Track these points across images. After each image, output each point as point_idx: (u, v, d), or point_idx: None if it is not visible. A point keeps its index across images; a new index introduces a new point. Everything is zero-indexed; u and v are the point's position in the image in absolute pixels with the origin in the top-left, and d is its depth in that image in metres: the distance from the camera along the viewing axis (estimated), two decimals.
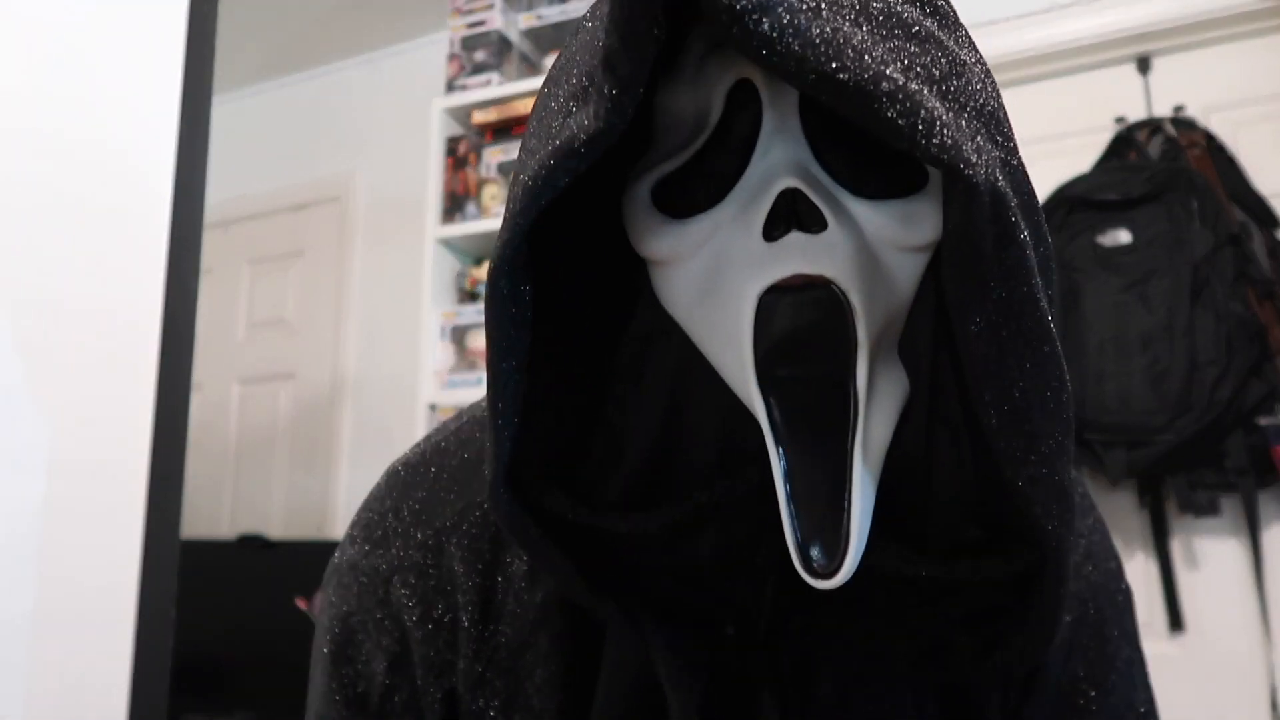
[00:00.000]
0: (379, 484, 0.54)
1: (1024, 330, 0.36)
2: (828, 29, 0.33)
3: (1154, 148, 1.81)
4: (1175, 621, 1.71)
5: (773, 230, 0.38)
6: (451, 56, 2.26)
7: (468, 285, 2.19)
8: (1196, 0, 1.86)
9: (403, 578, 0.49)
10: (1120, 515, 1.81)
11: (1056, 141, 2.01)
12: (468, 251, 2.24)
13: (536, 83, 2.13)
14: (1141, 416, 1.61)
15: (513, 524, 0.41)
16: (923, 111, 0.33)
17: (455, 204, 2.17)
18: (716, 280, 0.40)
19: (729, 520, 0.42)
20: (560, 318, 0.42)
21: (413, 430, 2.09)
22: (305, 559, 2.29)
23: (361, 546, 0.52)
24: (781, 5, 0.32)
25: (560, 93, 0.39)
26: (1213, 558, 1.74)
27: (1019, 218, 0.35)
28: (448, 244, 2.20)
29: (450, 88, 2.25)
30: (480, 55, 2.23)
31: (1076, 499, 0.40)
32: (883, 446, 0.39)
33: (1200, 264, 1.62)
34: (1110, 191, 1.74)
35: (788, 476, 0.38)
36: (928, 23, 0.38)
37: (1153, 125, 1.84)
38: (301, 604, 2.07)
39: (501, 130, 2.18)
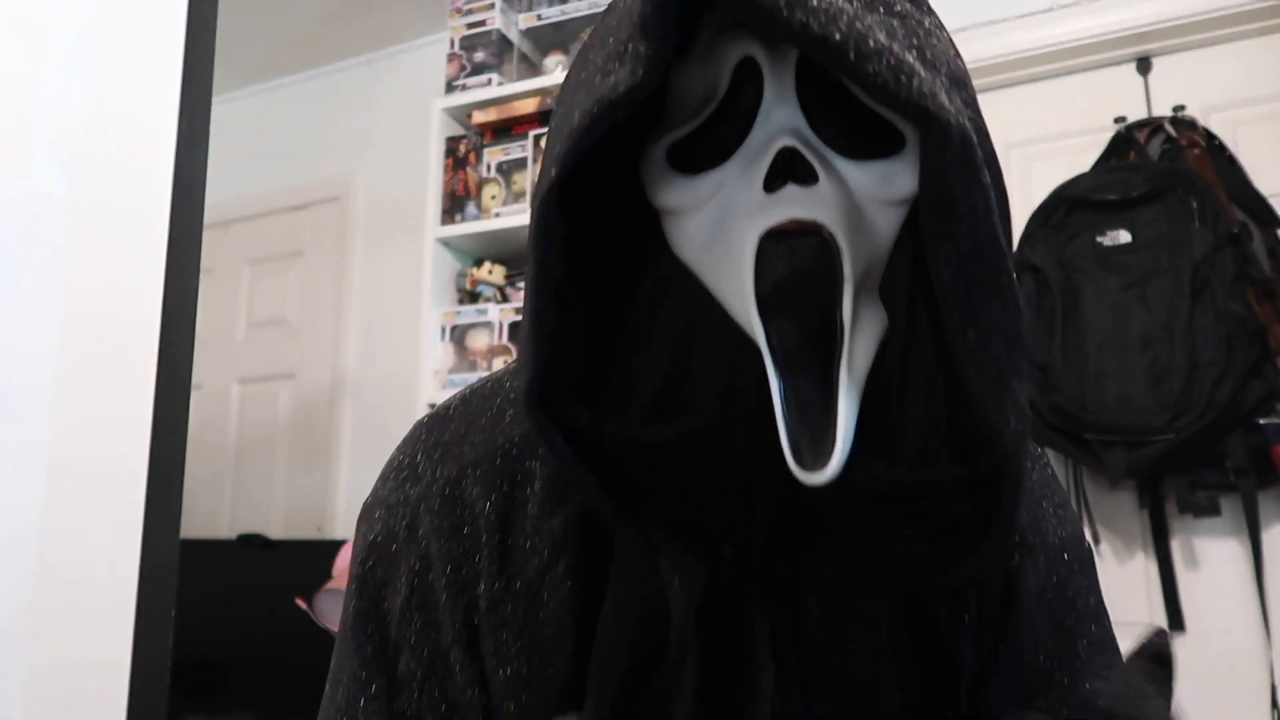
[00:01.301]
0: (409, 433, 0.59)
1: (987, 263, 0.43)
2: (824, 2, 0.40)
3: (1154, 148, 1.81)
4: (1175, 621, 1.71)
5: (772, 183, 0.45)
6: (451, 56, 2.26)
7: (468, 285, 2.19)
8: (1196, 0, 1.86)
9: (428, 505, 0.54)
10: (1120, 515, 1.81)
11: (1056, 141, 2.01)
12: (468, 251, 2.24)
13: (536, 83, 2.13)
14: (1141, 416, 1.61)
15: (543, 432, 0.46)
16: (904, 67, 0.40)
17: (455, 204, 2.17)
18: (723, 227, 0.47)
19: (730, 443, 0.47)
20: (587, 262, 0.48)
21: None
22: (305, 559, 2.29)
23: (390, 484, 0.57)
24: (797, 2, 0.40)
25: (598, 57, 0.45)
26: (1213, 558, 1.74)
27: (984, 162, 0.42)
28: (448, 244, 2.20)
29: (450, 88, 2.25)
30: (480, 55, 2.23)
31: (1029, 414, 0.46)
32: (864, 369, 0.45)
33: (1200, 264, 1.62)
34: (1110, 191, 1.73)
35: (784, 393, 0.44)
36: (905, 3, 0.46)
37: (1153, 125, 1.84)
38: (301, 604, 2.07)
39: (501, 130, 2.18)
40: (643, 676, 0.49)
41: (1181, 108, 1.83)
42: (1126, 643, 0.63)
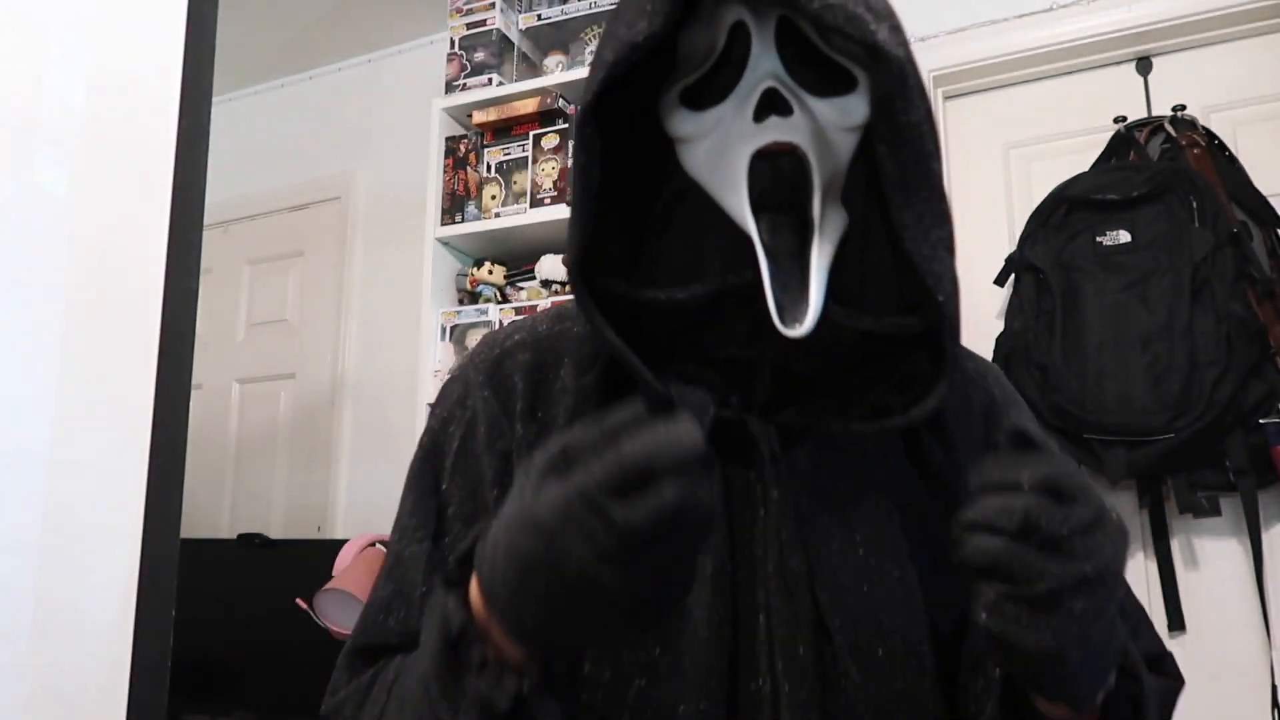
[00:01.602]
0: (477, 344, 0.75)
1: (921, 163, 0.59)
2: None
3: (1154, 148, 1.81)
4: (1175, 621, 1.71)
5: (760, 115, 0.60)
6: (451, 56, 2.26)
7: (468, 285, 2.19)
8: (1196, 0, 1.86)
9: (476, 378, 0.69)
10: (1120, 515, 1.81)
11: (1056, 141, 2.01)
12: (468, 251, 2.24)
13: (536, 83, 2.13)
14: (1141, 416, 1.61)
15: (581, 297, 0.61)
16: (857, 17, 0.56)
17: (455, 204, 2.17)
18: (723, 149, 0.62)
19: (735, 309, 0.61)
20: (621, 177, 0.64)
21: (413, 430, 2.09)
22: (305, 559, 2.29)
23: (455, 371, 0.73)
24: None
25: (628, 13, 0.60)
26: (1213, 558, 1.74)
27: (916, 94, 0.58)
28: (448, 244, 2.20)
29: (450, 88, 2.25)
30: (480, 55, 2.23)
31: (958, 278, 0.60)
32: (830, 253, 0.61)
33: (1200, 264, 1.62)
34: (1110, 191, 1.73)
35: (770, 270, 0.58)
36: None
37: (1153, 125, 1.84)
38: (301, 604, 2.07)
39: (501, 130, 2.18)
40: None
41: (1181, 108, 1.83)
42: None
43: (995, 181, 2.07)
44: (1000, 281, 1.88)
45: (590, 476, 0.43)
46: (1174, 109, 1.84)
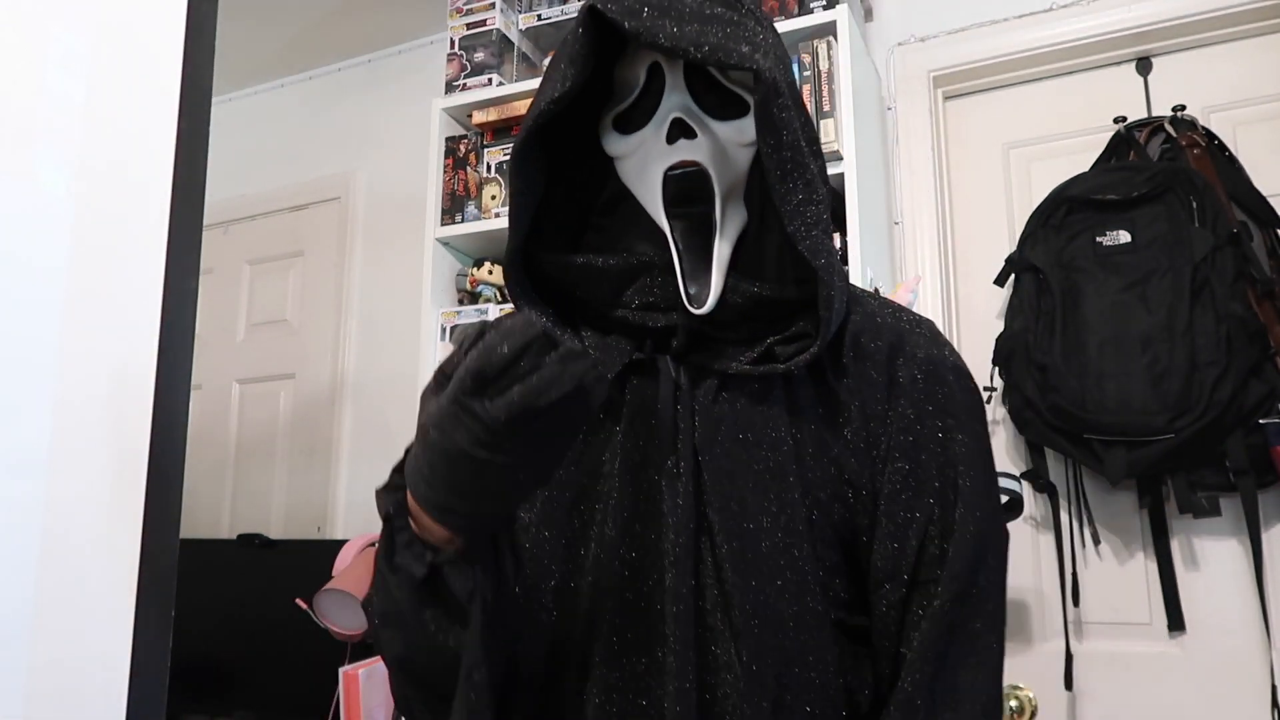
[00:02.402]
0: None
1: (794, 158, 0.73)
2: (687, 29, 0.72)
3: (1154, 148, 1.81)
4: (1175, 621, 1.71)
5: (671, 138, 0.76)
6: (451, 56, 2.26)
7: (468, 285, 2.19)
8: (1196, 0, 1.86)
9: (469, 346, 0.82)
10: (1120, 515, 1.81)
11: (1056, 141, 2.01)
12: (468, 251, 2.24)
13: (536, 83, 2.13)
14: (1141, 416, 1.61)
15: (511, 271, 0.79)
16: (734, 50, 0.72)
17: (455, 204, 2.17)
18: (644, 165, 0.79)
19: (652, 280, 0.77)
20: (568, 184, 0.83)
21: (412, 430, 2.08)
22: (305, 559, 2.29)
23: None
24: (663, 30, 0.72)
25: (556, 71, 0.77)
26: (1213, 558, 1.74)
27: (789, 103, 0.73)
28: (448, 244, 2.20)
29: (450, 88, 2.25)
30: (480, 55, 2.23)
31: (835, 256, 0.75)
32: (730, 245, 0.77)
33: (1200, 264, 1.62)
34: (1110, 191, 1.73)
35: (680, 258, 0.76)
36: (734, 15, 0.77)
37: (1153, 125, 1.83)
38: (301, 604, 2.07)
39: (501, 130, 2.18)
40: (590, 424, 0.76)
41: (1181, 108, 1.83)
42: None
43: (995, 181, 2.07)
44: (1000, 281, 1.88)
45: (458, 384, 0.57)
46: (1174, 109, 1.84)
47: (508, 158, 2.14)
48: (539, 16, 2.24)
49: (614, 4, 0.74)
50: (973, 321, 2.01)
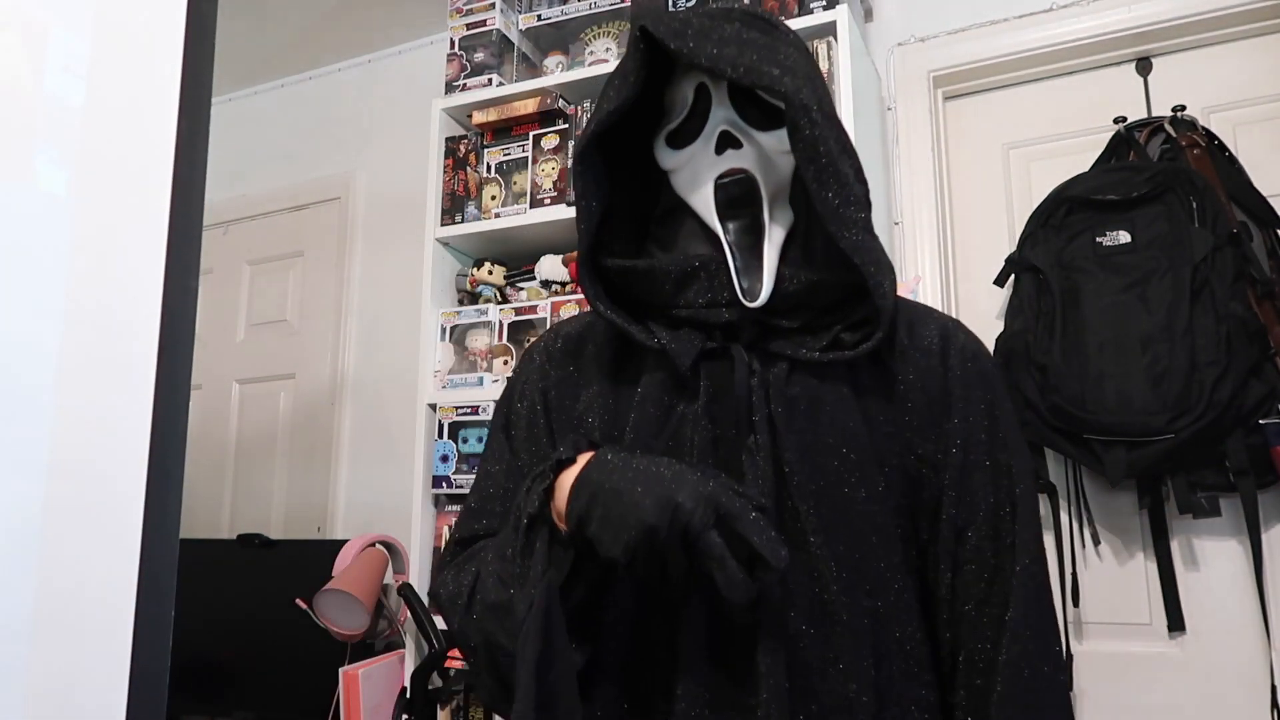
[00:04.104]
0: None
1: (829, 166, 0.79)
2: (726, 51, 0.80)
3: (1154, 148, 1.81)
4: (1175, 621, 1.71)
5: (719, 150, 0.85)
6: (451, 57, 2.26)
7: (468, 285, 2.19)
8: (1196, 0, 1.86)
9: (535, 346, 0.98)
10: (1120, 515, 1.81)
11: (1056, 141, 2.01)
12: (468, 251, 2.24)
13: (536, 83, 2.13)
14: (1141, 417, 1.61)
15: (583, 278, 0.86)
16: (770, 73, 0.79)
17: (455, 204, 2.17)
18: (696, 175, 0.86)
19: (711, 278, 0.83)
20: (627, 199, 0.91)
21: (413, 430, 2.09)
22: (305, 559, 2.29)
23: (529, 346, 1.01)
24: (704, 51, 0.80)
25: (614, 84, 0.85)
26: (1213, 558, 1.74)
27: (818, 118, 0.79)
28: (448, 244, 2.20)
29: (450, 88, 2.25)
30: (480, 55, 2.23)
31: (878, 252, 0.82)
32: (779, 243, 0.84)
33: (1200, 264, 1.62)
34: (1110, 191, 1.73)
35: (733, 257, 0.82)
36: (768, 39, 0.84)
37: (1153, 125, 1.83)
38: (301, 604, 2.07)
39: (502, 130, 2.18)
40: (666, 413, 0.84)
41: (1181, 108, 1.83)
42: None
43: (995, 181, 2.07)
44: (1000, 282, 1.88)
45: (720, 497, 0.70)
46: (1174, 109, 1.84)
47: (508, 158, 2.14)
48: (539, 17, 2.24)
49: (663, 26, 0.82)
50: (973, 321, 2.00)
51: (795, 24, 1.86)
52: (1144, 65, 1.96)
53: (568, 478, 0.75)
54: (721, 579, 0.67)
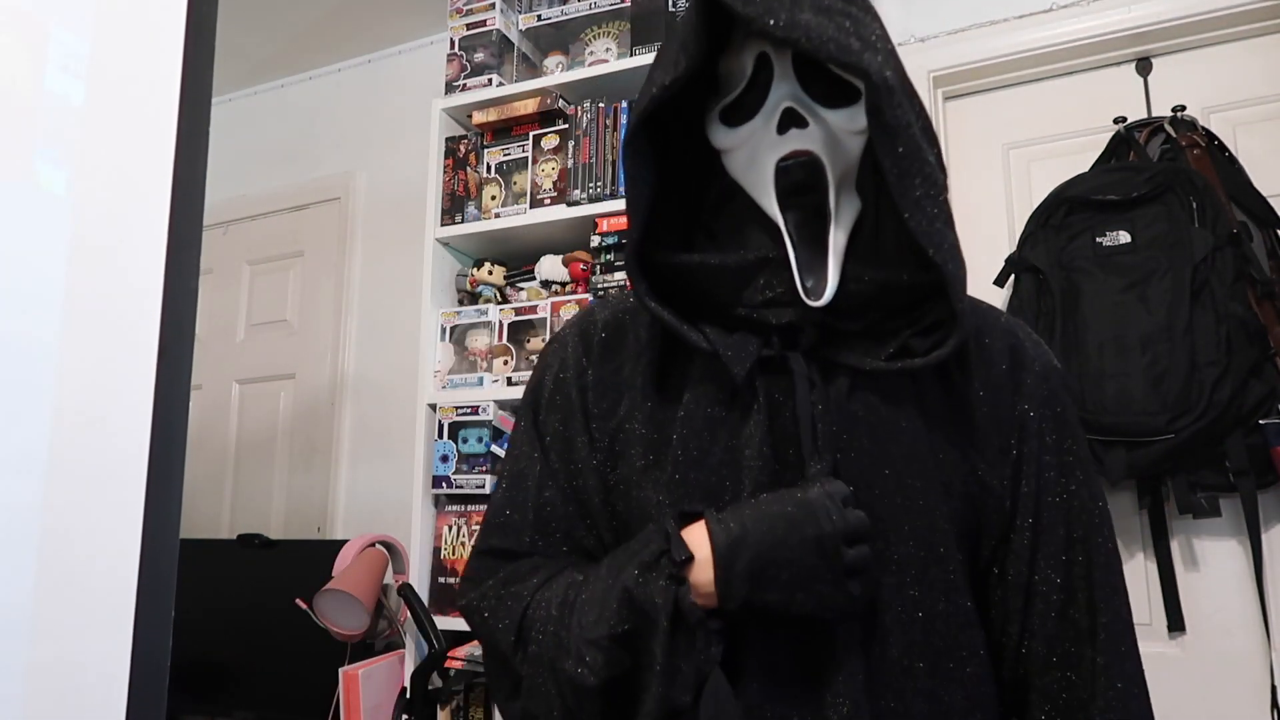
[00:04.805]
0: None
1: (912, 155, 0.71)
2: (801, 18, 0.70)
3: (1154, 148, 1.81)
4: (1175, 621, 1.71)
5: (782, 129, 0.75)
6: (451, 57, 2.26)
7: (468, 285, 2.19)
8: (1196, 0, 1.86)
9: (572, 333, 0.87)
10: (1120, 515, 1.81)
11: (1056, 141, 2.01)
12: (468, 252, 2.24)
13: (536, 83, 2.14)
14: (1141, 417, 1.61)
15: (631, 272, 0.77)
16: (852, 47, 0.70)
17: (455, 204, 2.17)
18: (755, 157, 0.77)
19: (771, 275, 0.75)
20: (675, 182, 0.81)
21: (413, 430, 2.09)
22: (305, 559, 2.29)
23: (555, 335, 0.90)
24: (775, 15, 0.70)
25: (668, 55, 0.76)
26: (1213, 558, 1.74)
27: (903, 100, 0.71)
28: (448, 244, 2.20)
29: (450, 88, 2.25)
30: (480, 55, 2.23)
31: (958, 248, 0.72)
32: (846, 235, 0.76)
33: (1200, 264, 1.62)
34: (1110, 191, 1.73)
35: (795, 251, 0.74)
36: (850, 8, 0.75)
37: (1153, 125, 1.83)
38: (301, 604, 2.07)
39: (502, 130, 2.18)
40: (715, 429, 0.76)
41: (1181, 108, 1.83)
42: None
43: (995, 182, 2.07)
44: (1000, 282, 1.88)
45: (838, 552, 0.67)
46: (1174, 109, 1.84)
47: (508, 158, 2.15)
48: (539, 17, 2.24)
49: None
50: None
51: None
52: (1144, 65, 1.96)
53: (699, 551, 0.69)
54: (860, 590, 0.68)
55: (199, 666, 2.29)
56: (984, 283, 1.94)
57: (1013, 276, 1.84)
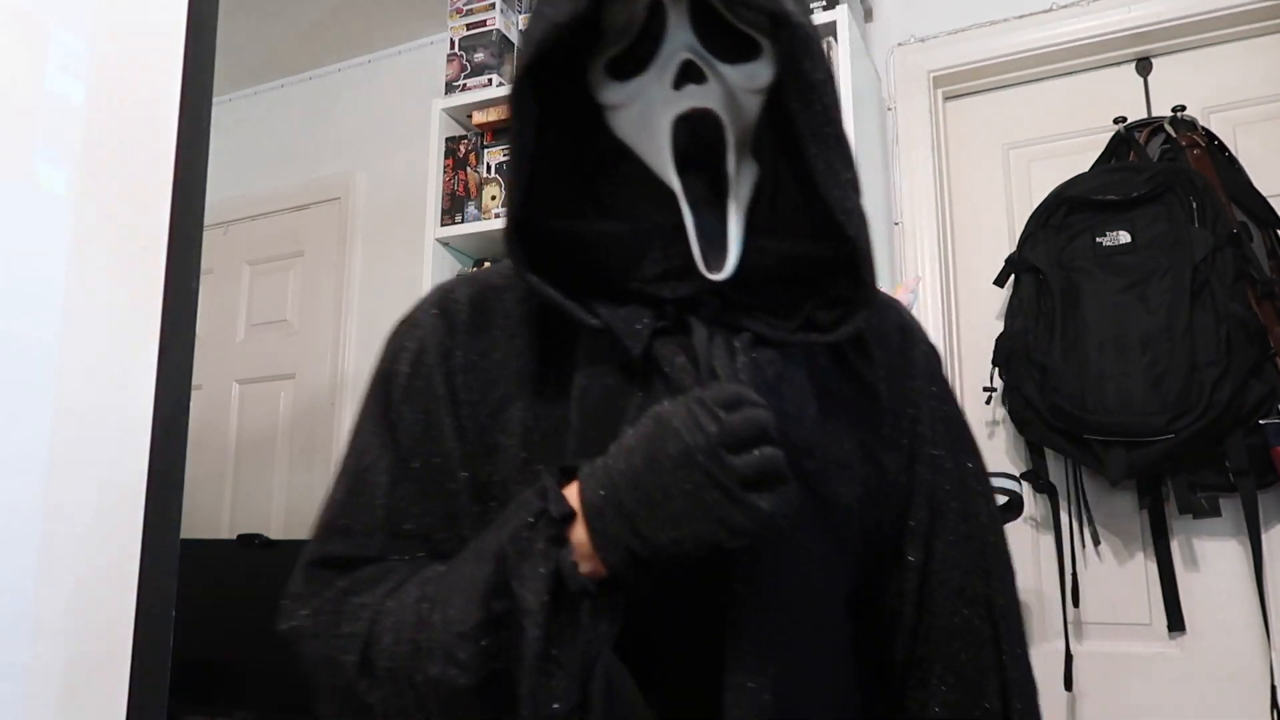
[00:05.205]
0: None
1: (827, 117, 0.66)
2: None
3: (1154, 148, 1.81)
4: (1175, 622, 1.71)
5: (679, 84, 0.67)
6: (451, 57, 2.26)
7: None
8: (1196, 0, 1.86)
9: (428, 308, 0.76)
10: (1120, 515, 1.81)
11: (1056, 141, 2.02)
12: (467, 252, 2.24)
13: None
14: (1141, 417, 1.61)
15: (509, 239, 0.67)
16: None
17: (455, 204, 2.17)
18: (647, 115, 0.69)
19: (667, 245, 0.68)
20: (554, 142, 0.72)
21: None
22: None
23: (404, 316, 0.78)
24: None
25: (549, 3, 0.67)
26: (1213, 558, 1.74)
27: (821, 51, 0.65)
28: (448, 244, 2.20)
29: (450, 88, 2.25)
30: (480, 55, 2.23)
31: (866, 216, 0.67)
32: (746, 202, 0.69)
33: (1200, 264, 1.62)
34: (1110, 191, 1.73)
35: (694, 219, 0.67)
36: None
37: (1153, 125, 1.83)
38: None
39: (501, 130, 2.18)
40: (617, 409, 0.67)
41: (1181, 108, 1.83)
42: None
43: (995, 182, 2.07)
44: (1000, 282, 1.88)
45: (728, 471, 0.55)
46: (1174, 109, 1.84)
47: (508, 157, 2.14)
48: None
49: None
50: (973, 322, 2.01)
51: None
52: (1144, 65, 1.96)
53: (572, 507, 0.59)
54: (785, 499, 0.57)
55: (199, 666, 2.28)
56: (984, 283, 1.94)
57: (1013, 276, 1.84)
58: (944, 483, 0.77)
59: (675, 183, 0.68)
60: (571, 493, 0.60)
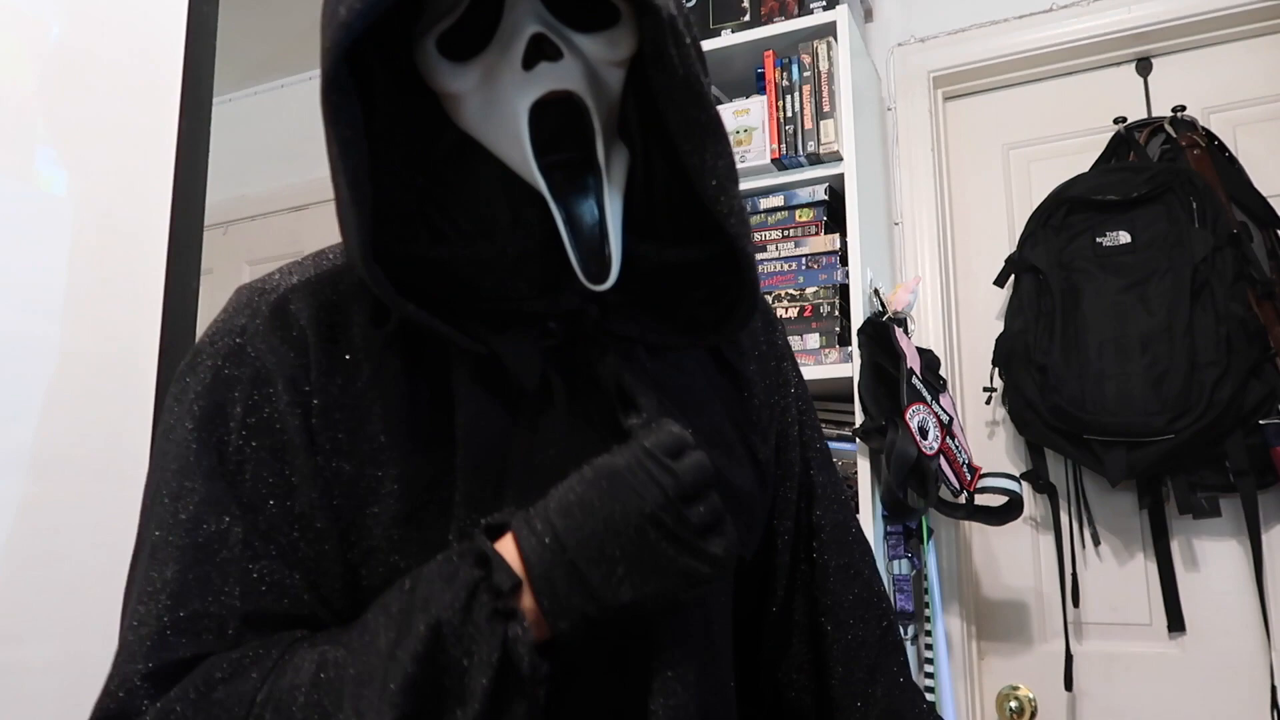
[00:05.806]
0: (230, 298, 0.67)
1: (696, 96, 0.57)
2: None
3: (1154, 148, 1.81)
4: (1175, 622, 1.71)
5: (529, 63, 0.57)
6: None
7: None
8: (1196, 0, 1.86)
9: (255, 327, 0.61)
10: (1120, 515, 1.81)
11: (1056, 141, 2.01)
12: None
13: None
14: (1141, 417, 1.61)
15: (373, 276, 0.55)
16: None
17: None
18: (494, 102, 0.58)
19: (542, 259, 0.60)
20: (389, 140, 0.60)
21: None
22: None
23: (213, 330, 0.63)
24: None
25: None
26: (1213, 558, 1.74)
27: (688, 33, 0.57)
28: None
29: None
30: None
31: (744, 206, 0.60)
32: (620, 195, 0.60)
33: (1200, 265, 1.62)
34: (1110, 192, 1.73)
35: (566, 223, 0.58)
36: None
37: (1153, 126, 1.83)
38: None
39: None
40: (506, 438, 0.59)
41: (1181, 108, 1.83)
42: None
43: (995, 182, 2.07)
44: (1000, 282, 1.88)
45: (683, 524, 0.52)
46: (1174, 109, 1.84)
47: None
48: None
49: None
50: (973, 322, 2.01)
51: (795, 24, 1.86)
52: (1144, 65, 1.96)
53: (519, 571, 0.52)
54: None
55: None
56: (984, 283, 1.94)
57: (1013, 277, 1.84)
58: (819, 481, 0.79)
59: (540, 182, 0.58)
60: (506, 553, 0.52)
